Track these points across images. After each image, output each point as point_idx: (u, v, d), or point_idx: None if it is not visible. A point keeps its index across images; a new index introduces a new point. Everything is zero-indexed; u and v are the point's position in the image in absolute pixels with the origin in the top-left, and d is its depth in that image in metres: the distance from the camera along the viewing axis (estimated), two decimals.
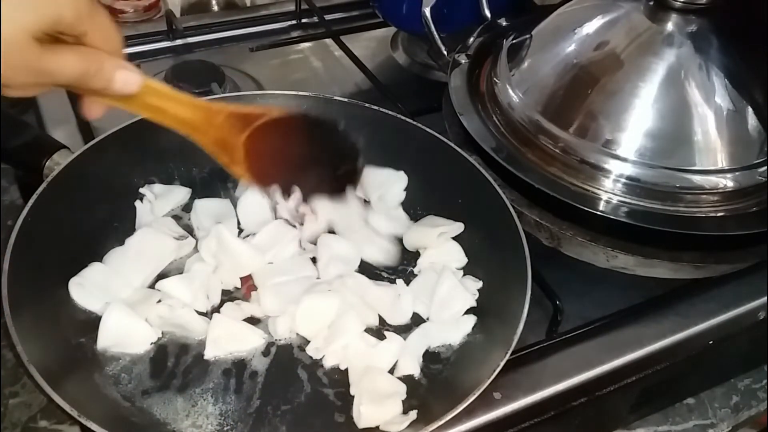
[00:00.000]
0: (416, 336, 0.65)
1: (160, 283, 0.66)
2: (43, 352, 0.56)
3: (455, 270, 0.70)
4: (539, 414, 0.64)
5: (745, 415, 0.75)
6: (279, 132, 0.59)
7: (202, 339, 0.63)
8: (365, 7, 1.09)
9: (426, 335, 0.65)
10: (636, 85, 0.71)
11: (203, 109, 0.56)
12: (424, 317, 0.67)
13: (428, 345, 0.65)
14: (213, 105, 0.57)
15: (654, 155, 0.69)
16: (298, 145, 0.60)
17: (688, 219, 0.69)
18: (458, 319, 0.66)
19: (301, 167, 0.61)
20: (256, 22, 1.07)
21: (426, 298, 0.68)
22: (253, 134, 0.57)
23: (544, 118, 0.74)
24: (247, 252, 0.69)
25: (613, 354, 0.68)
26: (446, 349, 0.65)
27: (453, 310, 0.66)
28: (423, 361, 0.64)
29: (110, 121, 0.77)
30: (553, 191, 0.69)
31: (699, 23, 0.73)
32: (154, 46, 1.00)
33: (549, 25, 0.82)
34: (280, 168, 0.60)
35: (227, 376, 0.62)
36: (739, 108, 0.70)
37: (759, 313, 0.73)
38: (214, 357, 0.62)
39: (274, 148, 0.59)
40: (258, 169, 0.59)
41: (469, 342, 0.66)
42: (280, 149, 0.60)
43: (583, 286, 0.73)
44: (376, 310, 0.66)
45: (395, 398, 0.60)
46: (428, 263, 0.71)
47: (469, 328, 0.66)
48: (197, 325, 0.63)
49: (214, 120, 0.56)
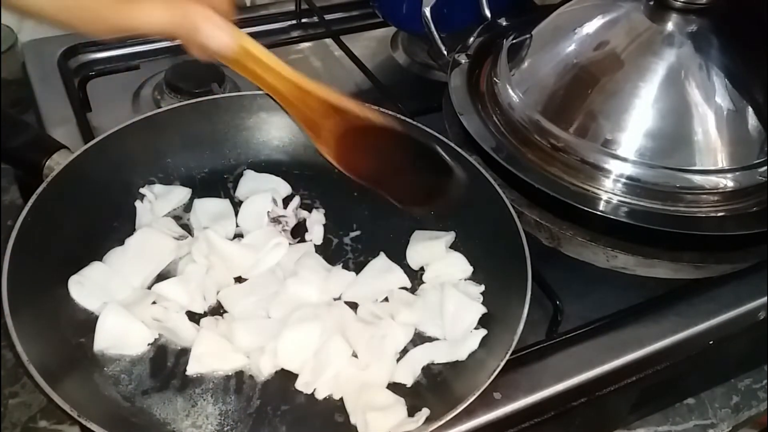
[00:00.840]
0: (421, 351, 0.63)
1: (156, 286, 0.65)
2: (42, 352, 0.56)
3: (457, 282, 0.69)
4: (539, 414, 0.64)
5: (746, 415, 0.75)
6: (374, 135, 0.57)
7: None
8: (365, 7, 1.09)
9: (432, 351, 0.64)
10: (636, 84, 0.70)
11: (299, 87, 0.54)
12: (440, 338, 0.65)
13: (432, 360, 0.63)
14: (311, 86, 0.55)
15: (654, 155, 0.69)
16: (391, 153, 0.59)
17: (689, 219, 0.69)
18: (467, 335, 0.64)
19: (387, 172, 0.61)
20: (255, 21, 1.06)
21: (436, 318, 0.66)
22: (347, 131, 0.56)
23: (544, 118, 0.74)
24: (238, 252, 0.68)
25: (613, 354, 0.68)
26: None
27: (465, 324, 0.64)
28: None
29: (110, 120, 0.78)
30: (553, 191, 0.69)
31: (699, 23, 0.73)
32: (154, 45, 1.00)
33: (549, 25, 0.82)
34: (365, 163, 0.59)
35: (227, 376, 0.61)
36: (739, 108, 0.70)
37: (759, 313, 0.73)
38: (196, 373, 0.61)
39: (365, 147, 0.58)
40: (342, 155, 0.58)
41: None
42: (371, 150, 0.59)
43: (583, 286, 0.73)
44: (354, 347, 0.62)
45: (398, 405, 0.59)
46: (434, 276, 0.69)
47: (476, 344, 0.63)
48: (187, 333, 0.63)
49: (308, 100, 0.55)
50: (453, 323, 0.65)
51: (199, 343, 0.62)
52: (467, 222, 0.73)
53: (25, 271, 0.60)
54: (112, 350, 0.61)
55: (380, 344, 0.62)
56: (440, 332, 0.65)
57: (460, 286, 0.69)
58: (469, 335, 0.64)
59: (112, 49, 0.98)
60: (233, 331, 0.63)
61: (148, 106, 0.91)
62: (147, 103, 0.92)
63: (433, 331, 0.66)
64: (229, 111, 0.78)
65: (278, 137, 0.80)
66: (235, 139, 0.79)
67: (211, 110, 0.77)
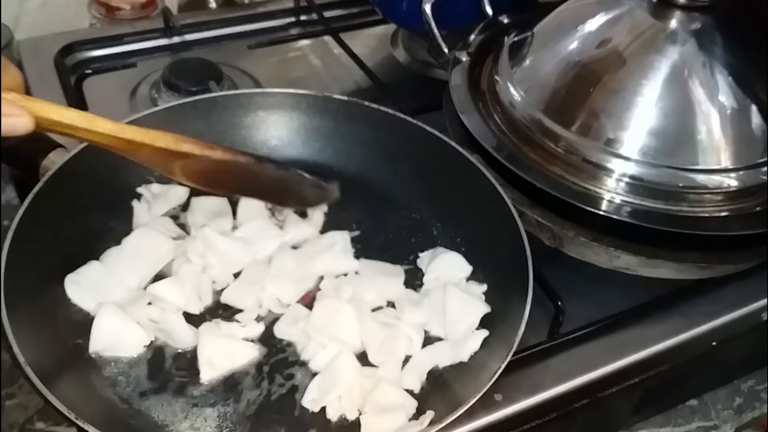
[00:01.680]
0: (425, 354, 0.63)
1: (151, 286, 0.65)
2: (39, 353, 0.55)
3: (458, 281, 0.68)
4: (540, 416, 0.64)
5: (748, 417, 0.75)
6: (224, 166, 0.58)
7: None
8: (365, 5, 1.08)
9: (435, 354, 0.63)
10: (639, 83, 0.70)
11: (129, 141, 0.54)
12: (442, 337, 0.65)
13: (436, 364, 0.63)
14: (144, 137, 0.54)
15: (657, 154, 0.69)
16: (246, 178, 0.61)
17: (692, 219, 0.68)
18: (468, 335, 0.63)
19: (250, 188, 0.63)
20: (254, 19, 1.06)
21: (439, 317, 0.65)
22: (190, 163, 0.56)
23: (545, 116, 0.73)
24: (236, 247, 0.68)
25: (615, 355, 0.67)
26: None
27: (468, 323, 0.64)
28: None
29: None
30: (555, 191, 0.69)
31: (702, 21, 0.72)
32: (151, 43, 1.00)
33: (551, 22, 0.81)
34: (227, 184, 0.60)
35: (225, 378, 0.61)
36: (743, 106, 0.70)
37: (762, 314, 0.73)
38: (210, 379, 0.60)
39: (219, 174, 0.59)
40: (202, 182, 0.59)
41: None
42: (225, 174, 0.59)
43: (585, 286, 0.72)
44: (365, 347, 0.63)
45: (401, 410, 0.58)
46: (434, 278, 0.69)
47: (478, 345, 0.63)
48: (185, 336, 0.62)
49: (144, 151, 0.54)
50: (455, 322, 0.65)
51: (203, 348, 0.61)
52: (468, 222, 0.72)
53: (22, 271, 0.59)
54: (108, 352, 0.61)
55: (392, 346, 0.62)
56: (443, 331, 0.65)
57: (462, 285, 0.68)
58: (470, 336, 0.64)
59: (109, 47, 0.98)
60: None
61: (145, 104, 0.91)
62: (144, 101, 0.92)
63: (436, 330, 0.65)
64: (227, 109, 0.78)
65: (276, 136, 0.79)
66: (233, 138, 0.78)
67: (209, 109, 0.77)
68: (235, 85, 0.94)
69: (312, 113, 0.79)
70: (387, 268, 0.70)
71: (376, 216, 0.75)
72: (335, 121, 0.78)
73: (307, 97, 0.78)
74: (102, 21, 1.07)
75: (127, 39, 0.99)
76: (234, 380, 0.61)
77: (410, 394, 0.60)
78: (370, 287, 0.68)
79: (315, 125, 0.79)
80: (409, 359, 0.63)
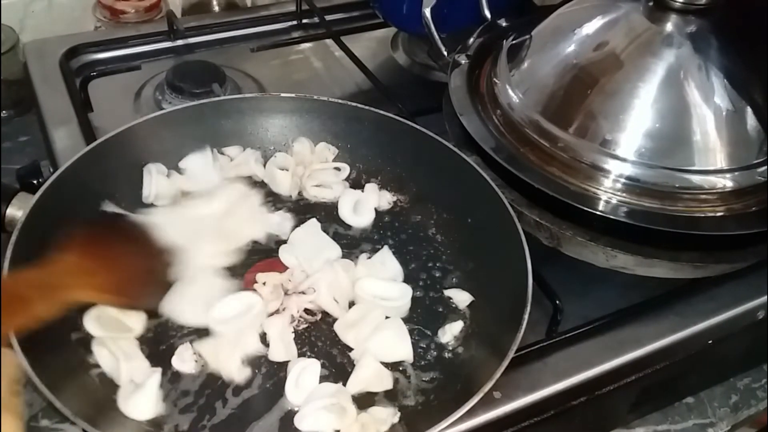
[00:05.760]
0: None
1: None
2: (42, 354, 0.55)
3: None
4: (539, 413, 0.64)
5: (745, 414, 0.75)
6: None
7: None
8: (366, 8, 1.09)
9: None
10: (635, 85, 0.71)
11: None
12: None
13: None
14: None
15: (653, 155, 0.69)
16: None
17: (688, 219, 0.69)
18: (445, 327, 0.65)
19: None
20: (256, 22, 1.07)
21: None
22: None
23: (543, 118, 0.74)
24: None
25: (612, 353, 0.68)
26: (448, 350, 0.65)
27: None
28: (424, 362, 0.64)
29: (112, 121, 0.78)
30: (553, 191, 0.69)
31: (698, 24, 0.73)
32: (155, 46, 1.00)
33: (549, 25, 0.82)
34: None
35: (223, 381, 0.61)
36: (738, 108, 0.70)
37: (758, 312, 0.74)
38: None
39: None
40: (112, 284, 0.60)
41: (470, 343, 0.65)
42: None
43: (582, 285, 0.73)
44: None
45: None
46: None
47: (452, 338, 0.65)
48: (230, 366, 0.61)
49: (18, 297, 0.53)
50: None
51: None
52: (467, 223, 0.73)
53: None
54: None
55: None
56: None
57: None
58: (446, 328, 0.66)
59: (114, 49, 0.99)
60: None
61: (149, 106, 0.92)
62: (148, 103, 0.92)
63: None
64: (230, 113, 0.78)
65: (278, 140, 0.80)
66: (235, 141, 0.79)
67: (212, 112, 0.78)
68: (237, 87, 0.95)
69: (313, 116, 0.79)
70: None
71: (375, 218, 0.76)
72: (336, 124, 0.79)
73: (308, 101, 0.79)
74: (107, 24, 1.07)
75: (132, 42, 0.99)
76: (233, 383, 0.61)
77: (405, 390, 0.61)
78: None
79: (316, 128, 0.80)
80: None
